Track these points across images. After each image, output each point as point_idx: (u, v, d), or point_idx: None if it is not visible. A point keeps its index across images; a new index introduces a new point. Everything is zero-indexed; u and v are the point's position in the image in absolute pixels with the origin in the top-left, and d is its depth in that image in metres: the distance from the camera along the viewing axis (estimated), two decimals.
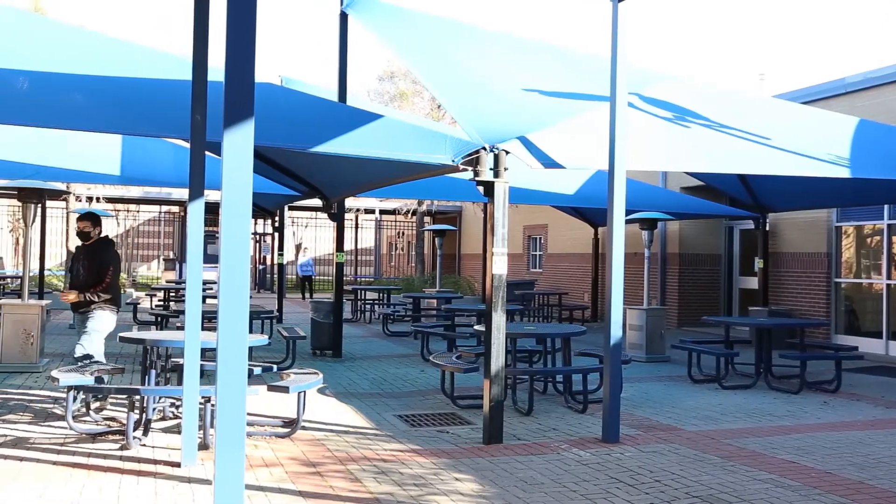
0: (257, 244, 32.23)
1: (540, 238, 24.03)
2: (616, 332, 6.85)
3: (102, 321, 7.59)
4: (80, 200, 25.59)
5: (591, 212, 18.06)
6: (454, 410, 8.04)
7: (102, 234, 7.88)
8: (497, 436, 6.68)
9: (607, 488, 5.41)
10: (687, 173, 14.43)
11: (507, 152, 6.71)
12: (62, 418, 6.84)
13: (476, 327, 9.06)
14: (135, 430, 6.18)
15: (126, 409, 6.31)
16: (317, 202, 12.66)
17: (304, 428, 6.90)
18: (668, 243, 17.99)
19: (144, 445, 6.21)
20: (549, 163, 6.91)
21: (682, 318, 17.38)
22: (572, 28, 75.12)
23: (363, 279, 32.27)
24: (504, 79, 9.05)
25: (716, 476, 5.74)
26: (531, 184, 12.34)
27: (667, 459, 6.20)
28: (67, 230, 25.67)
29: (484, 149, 6.62)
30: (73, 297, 7.52)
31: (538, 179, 12.34)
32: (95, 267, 7.58)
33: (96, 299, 7.52)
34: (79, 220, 7.84)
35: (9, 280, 20.11)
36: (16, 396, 8.13)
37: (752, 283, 16.26)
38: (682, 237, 17.66)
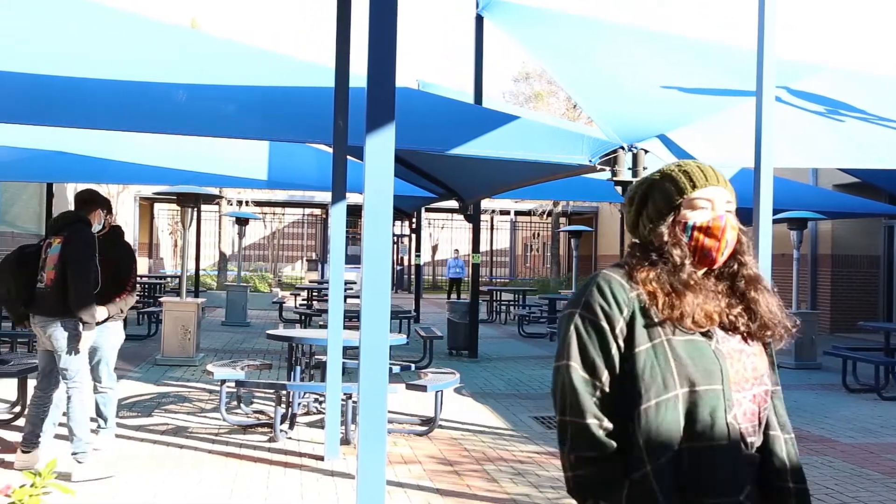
0: (395, 245, 33.00)
1: None
2: None
3: (117, 335, 5.78)
4: (231, 204, 27.03)
5: (735, 211, 17.33)
6: None
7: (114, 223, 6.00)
8: None
9: None
10: (841, 170, 13.59)
11: (646, 151, 6.55)
12: (216, 410, 7.24)
13: None
14: (281, 423, 6.47)
15: (273, 403, 6.62)
16: (453, 204, 12.82)
17: (441, 427, 7.00)
18: (819, 244, 16.99)
19: (290, 438, 6.48)
20: None
21: (835, 324, 16.36)
22: (713, 20, 72.39)
23: (498, 280, 32.37)
24: (641, 76, 8.83)
25: (876, 493, 5.37)
26: None
27: (819, 473, 5.86)
28: (220, 232, 27.19)
29: (622, 148, 6.49)
30: (103, 314, 5.45)
31: None
32: (115, 266, 5.62)
33: (124, 308, 5.72)
34: None
35: (168, 279, 21.51)
36: (175, 388, 8.69)
37: None
38: (834, 237, 16.64)
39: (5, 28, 5.97)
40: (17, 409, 6.69)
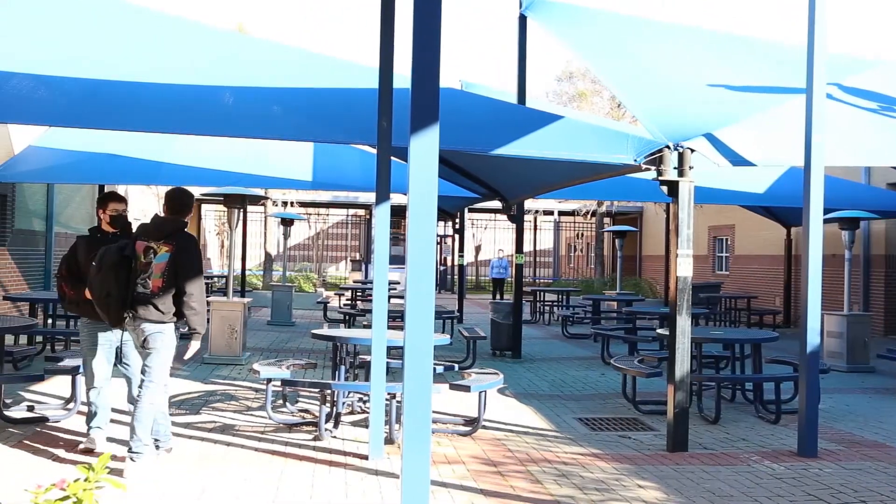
0: (438, 246, 33.04)
1: (726, 239, 22.96)
2: (813, 338, 6.42)
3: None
4: (276, 205, 27.33)
5: (784, 211, 17.01)
6: (636, 415, 7.85)
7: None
8: (682, 443, 6.45)
9: None
10: (895, 168, 13.26)
11: (693, 150, 6.47)
12: (262, 408, 7.33)
13: (659, 331, 8.79)
14: (326, 422, 6.53)
15: (318, 402, 6.68)
16: (496, 204, 12.80)
17: (484, 427, 6.99)
18: (872, 244, 16.59)
19: (335, 437, 6.53)
20: (737, 160, 6.59)
21: (890, 326, 15.95)
22: (761, 17, 71.11)
23: (542, 280, 32.25)
24: (687, 74, 8.73)
25: None
26: (717, 182, 11.83)
27: (874, 479, 5.72)
28: (266, 233, 27.53)
29: (667, 147, 6.42)
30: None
31: (725, 178, 11.80)
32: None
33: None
34: (112, 199, 5.94)
35: (215, 279, 21.82)
36: (222, 386, 8.81)
37: None
38: (888, 237, 16.23)
39: (59, 35, 6.13)
40: (71, 405, 6.86)
